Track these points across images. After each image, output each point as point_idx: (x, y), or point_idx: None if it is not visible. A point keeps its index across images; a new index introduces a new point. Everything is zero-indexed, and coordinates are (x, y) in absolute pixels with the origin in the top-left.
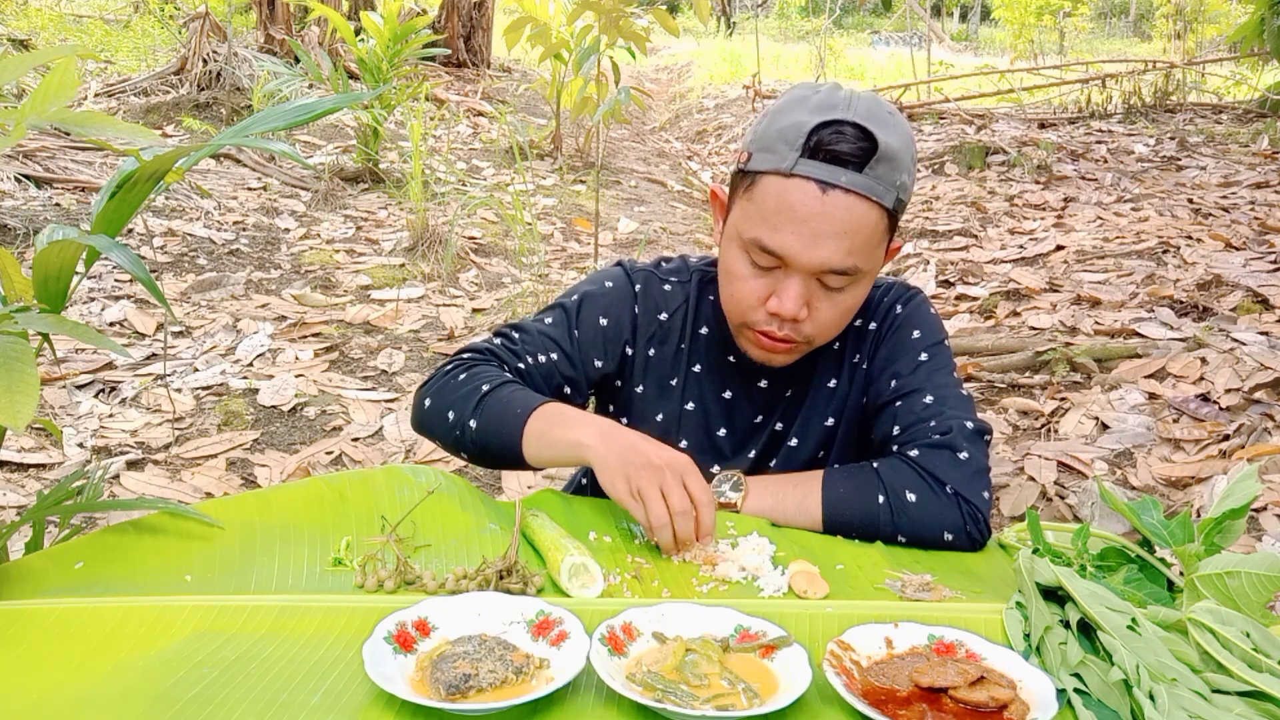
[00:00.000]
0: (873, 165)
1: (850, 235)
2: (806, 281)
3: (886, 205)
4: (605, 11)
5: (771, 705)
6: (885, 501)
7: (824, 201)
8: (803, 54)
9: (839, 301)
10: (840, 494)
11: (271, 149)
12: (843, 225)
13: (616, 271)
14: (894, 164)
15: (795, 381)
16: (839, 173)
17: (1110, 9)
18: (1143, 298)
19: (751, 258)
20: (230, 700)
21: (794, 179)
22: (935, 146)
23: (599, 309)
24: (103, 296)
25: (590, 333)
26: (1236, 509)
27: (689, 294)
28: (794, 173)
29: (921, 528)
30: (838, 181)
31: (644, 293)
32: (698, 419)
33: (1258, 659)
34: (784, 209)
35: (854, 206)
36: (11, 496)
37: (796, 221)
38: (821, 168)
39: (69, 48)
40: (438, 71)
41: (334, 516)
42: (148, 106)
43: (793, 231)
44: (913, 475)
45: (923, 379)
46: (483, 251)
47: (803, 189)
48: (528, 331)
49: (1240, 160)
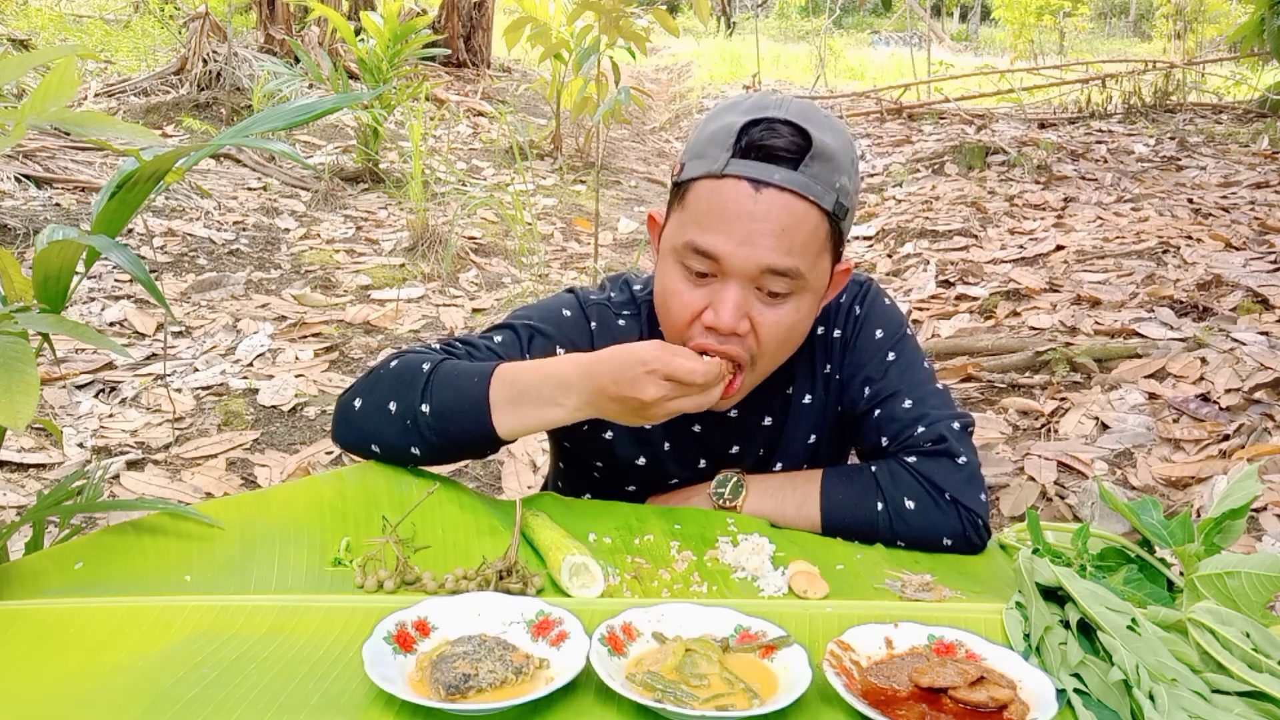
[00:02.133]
0: (808, 163)
1: (788, 234)
2: (744, 289)
3: (825, 206)
4: (605, 11)
5: (771, 705)
6: (884, 509)
7: (757, 200)
8: (803, 54)
9: (781, 316)
10: (839, 500)
11: (271, 149)
12: (779, 224)
13: (570, 301)
14: (831, 163)
15: (768, 407)
16: (772, 170)
17: (1110, 9)
18: (1143, 298)
19: (685, 267)
20: (230, 700)
21: (726, 179)
22: (935, 146)
23: (556, 337)
24: (103, 296)
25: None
26: (1236, 509)
27: (643, 328)
28: (725, 173)
29: (921, 534)
30: (771, 179)
31: (600, 330)
32: (675, 456)
33: (1258, 659)
34: (716, 209)
35: (790, 205)
36: (11, 496)
37: (729, 221)
38: (754, 166)
39: (69, 48)
40: (438, 71)
41: (334, 516)
42: (148, 106)
43: (725, 231)
44: (911, 482)
45: (896, 381)
46: (483, 251)
47: (735, 188)
48: (475, 346)
49: (1240, 160)
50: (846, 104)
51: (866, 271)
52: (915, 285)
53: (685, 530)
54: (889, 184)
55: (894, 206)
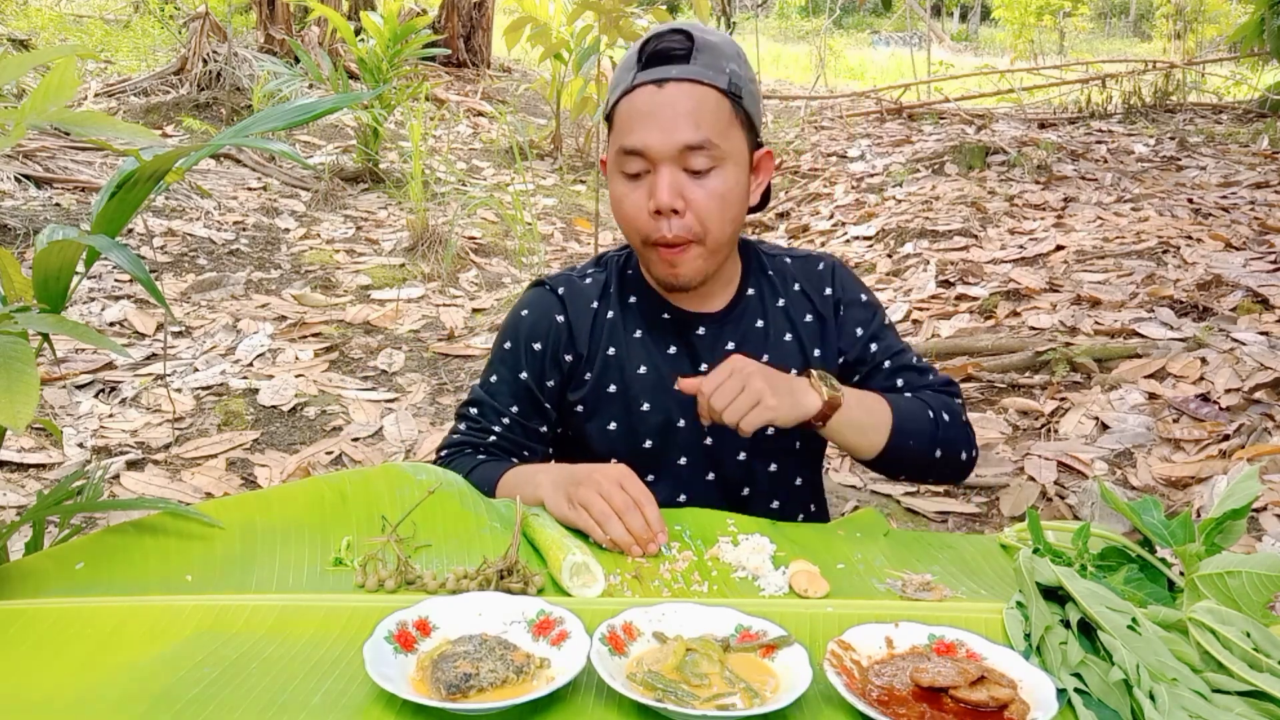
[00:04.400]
0: (696, 56)
1: (694, 114)
2: (672, 171)
3: (720, 85)
4: (605, 11)
5: (772, 705)
6: (933, 417)
7: (662, 93)
8: (803, 54)
9: (710, 188)
10: (902, 406)
11: (271, 149)
12: (684, 107)
13: (533, 293)
14: (717, 52)
15: (733, 332)
16: (669, 68)
17: (1110, 9)
18: (1143, 298)
19: (623, 175)
20: (231, 700)
21: (635, 89)
22: (935, 146)
23: (529, 339)
24: (103, 296)
25: (533, 364)
26: (1237, 509)
27: (610, 274)
28: (634, 84)
29: (952, 444)
30: (669, 75)
31: (568, 294)
32: (652, 379)
33: (1258, 659)
34: (633, 114)
35: (689, 90)
36: (11, 496)
37: (644, 117)
38: (653, 71)
39: (69, 48)
40: (438, 71)
41: (334, 516)
42: (148, 106)
43: (643, 127)
44: (942, 400)
45: (894, 340)
46: (483, 251)
47: (643, 92)
48: (483, 402)
49: (1240, 160)
50: (846, 104)
51: (866, 271)
52: (915, 285)
53: (686, 530)
54: (889, 184)
55: (894, 206)
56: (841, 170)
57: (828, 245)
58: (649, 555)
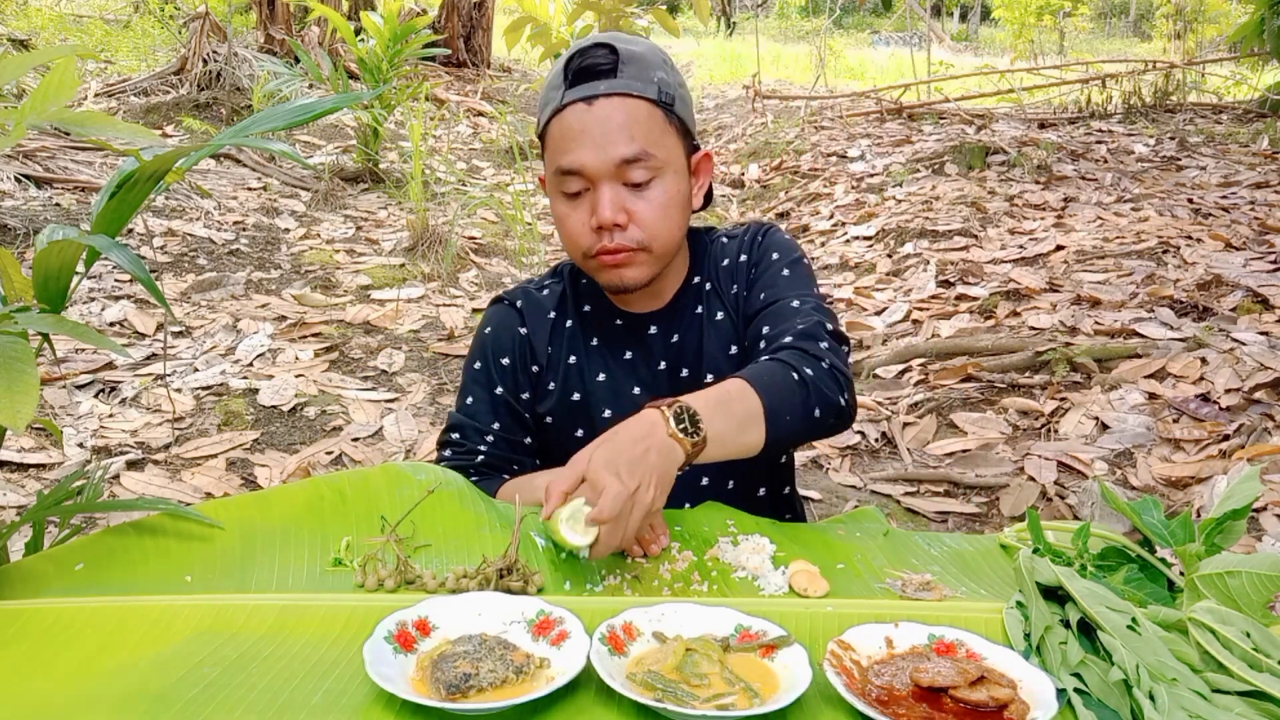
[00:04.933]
0: (622, 69)
1: (627, 128)
2: (613, 188)
3: (650, 96)
4: (605, 11)
5: (772, 705)
6: (798, 379)
7: (592, 111)
8: (803, 54)
9: (652, 198)
10: (765, 382)
11: (271, 149)
12: (616, 122)
13: (493, 310)
14: (642, 63)
15: (678, 325)
16: (596, 84)
17: (1110, 9)
18: (1143, 298)
19: (563, 194)
20: (230, 700)
21: (564, 108)
22: (935, 146)
23: (496, 355)
24: (103, 296)
25: (505, 379)
26: (1238, 509)
27: (564, 284)
28: (563, 103)
29: (824, 399)
30: (597, 91)
31: (526, 307)
32: (611, 386)
33: (1258, 659)
34: (566, 134)
35: (620, 104)
36: (11, 496)
37: (577, 136)
38: (581, 88)
39: (69, 48)
40: (438, 71)
41: (334, 516)
42: (148, 106)
43: (578, 146)
44: (798, 356)
45: (785, 289)
46: (483, 251)
47: (573, 111)
48: (463, 425)
49: (1240, 160)
50: (846, 104)
51: (866, 271)
52: (915, 285)
53: (685, 530)
54: (889, 184)
55: (894, 206)
56: (841, 170)
57: (828, 245)
58: (650, 557)
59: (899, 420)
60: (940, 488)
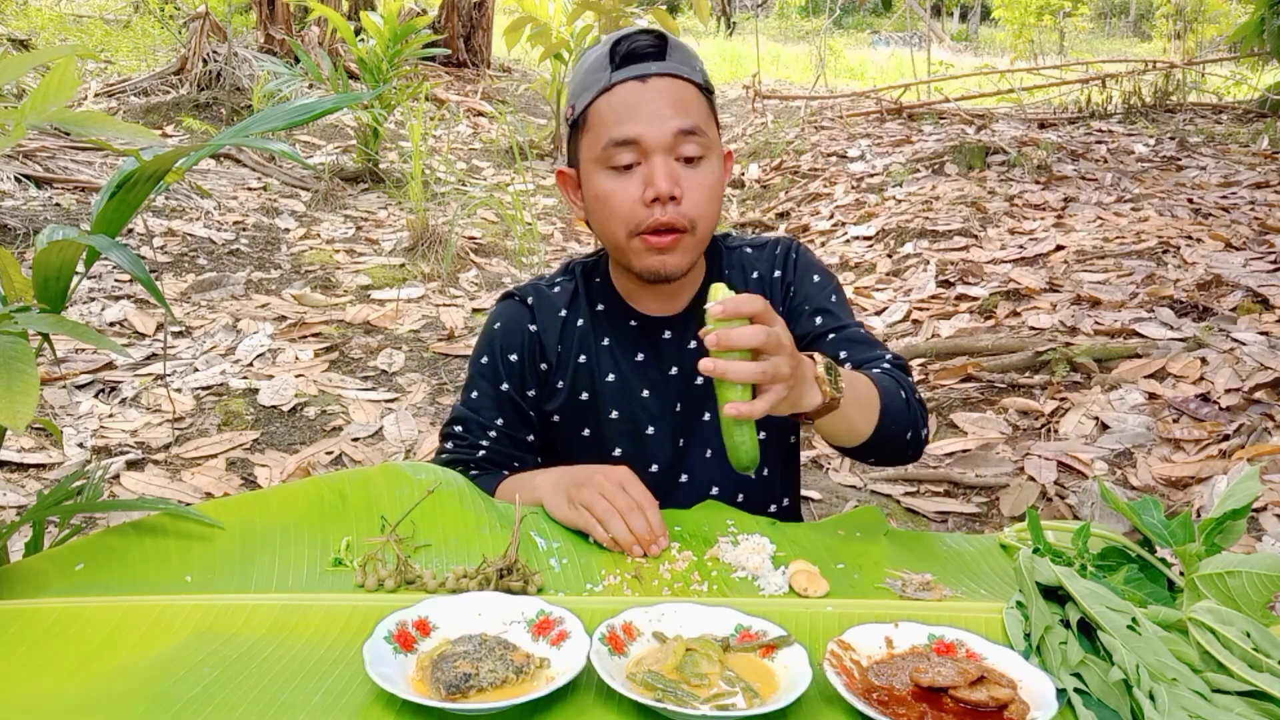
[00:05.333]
0: (670, 53)
1: (682, 104)
2: (667, 160)
3: (697, 80)
4: (605, 11)
5: (772, 705)
6: (906, 398)
7: (647, 88)
8: (803, 54)
9: (702, 178)
10: (884, 384)
11: (271, 149)
12: (671, 98)
13: (503, 305)
14: (686, 52)
15: (695, 332)
16: (648, 65)
17: (1110, 9)
18: (1143, 298)
19: (611, 168)
20: (230, 700)
21: (615, 87)
22: (935, 146)
23: (505, 351)
24: (103, 296)
25: (512, 375)
26: (1238, 509)
27: (577, 282)
28: (613, 83)
29: (915, 425)
30: (650, 70)
31: (537, 304)
32: (620, 387)
33: (1258, 659)
34: (620, 108)
35: (672, 83)
36: (11, 496)
37: (634, 109)
38: (633, 68)
39: (69, 48)
40: (438, 71)
41: (334, 516)
42: (148, 106)
43: (633, 118)
44: (905, 380)
45: (846, 316)
46: (483, 251)
47: (626, 88)
48: (467, 419)
49: (1240, 160)
50: (846, 104)
51: (866, 271)
52: (915, 285)
53: (685, 530)
54: (889, 184)
55: (894, 206)
56: (841, 170)
57: (828, 245)
58: (650, 557)
59: None
60: (940, 488)
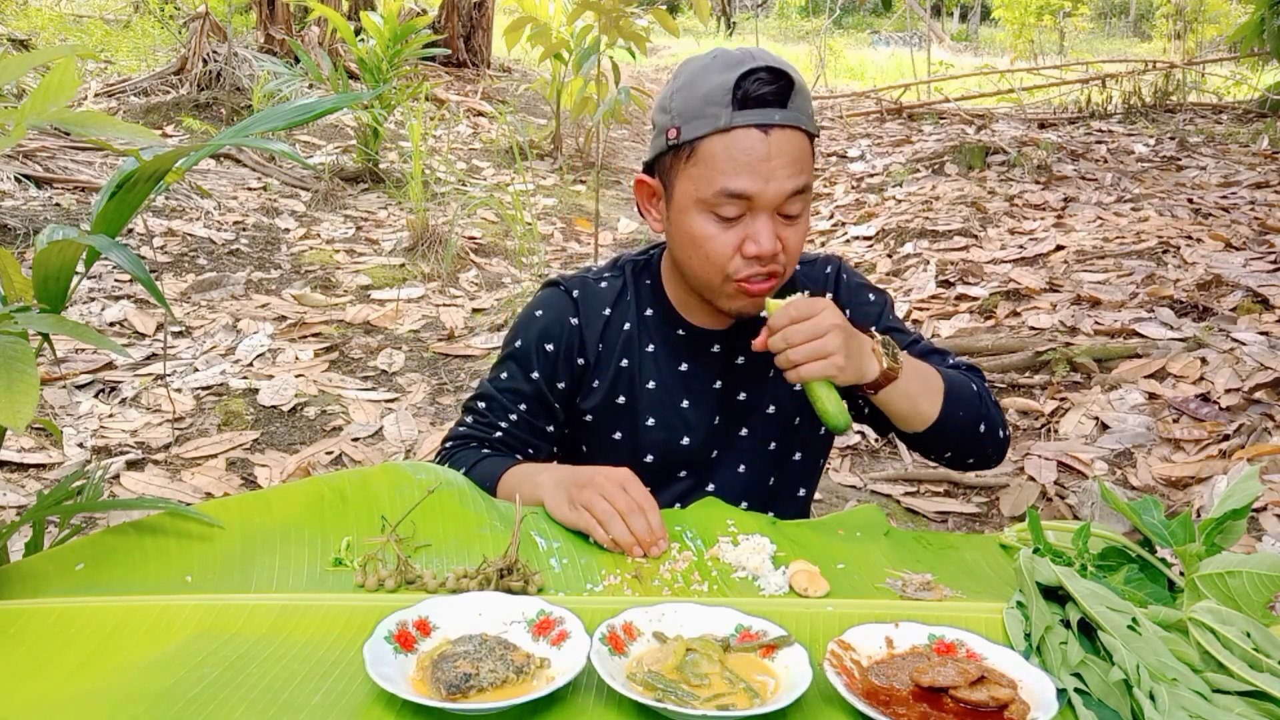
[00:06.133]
0: (793, 99)
1: (797, 162)
2: (772, 218)
3: (811, 131)
4: (605, 11)
5: (772, 705)
6: (976, 390)
7: (768, 141)
8: (803, 54)
9: (798, 229)
10: (949, 375)
11: (271, 149)
12: (788, 156)
13: (548, 293)
14: (804, 94)
15: (745, 347)
16: (771, 113)
17: (1110, 9)
18: (1143, 298)
19: (717, 213)
20: (230, 700)
21: (735, 130)
22: (935, 146)
23: (541, 339)
24: (103, 296)
25: (544, 365)
26: (1238, 509)
27: (626, 282)
28: (733, 125)
29: (992, 420)
30: (773, 121)
31: (582, 297)
32: (660, 395)
33: (1258, 659)
34: (737, 156)
35: (791, 137)
36: (11, 496)
37: (752, 164)
38: (756, 114)
39: (69, 48)
40: (438, 71)
41: (334, 516)
42: (148, 106)
43: (751, 173)
44: (977, 379)
45: (908, 330)
46: (483, 251)
47: (747, 136)
48: (491, 397)
49: (1240, 160)
50: (846, 104)
51: (866, 271)
52: (915, 285)
53: (686, 530)
54: (889, 184)
55: (894, 206)
56: (841, 170)
57: (828, 245)
58: (651, 558)
59: None
60: (940, 488)
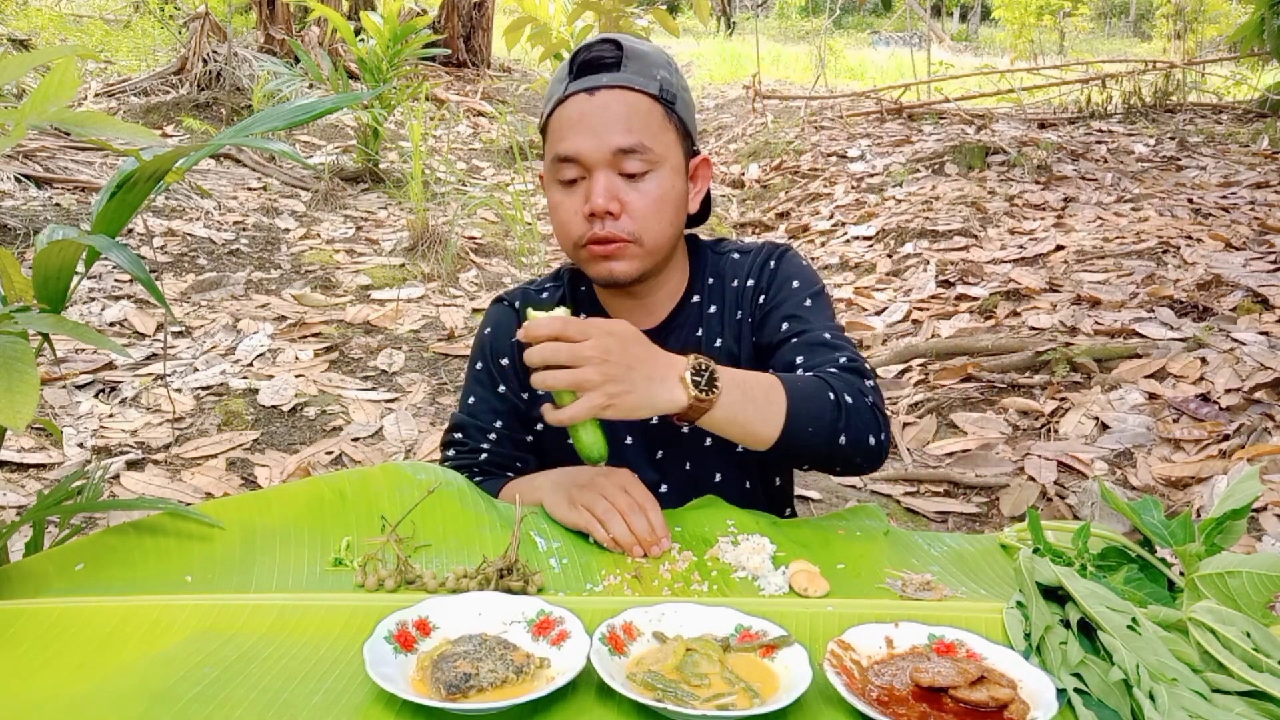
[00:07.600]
0: (626, 63)
1: (626, 119)
2: (608, 176)
3: (651, 91)
4: (605, 11)
5: (772, 705)
6: (834, 399)
7: (593, 100)
8: (803, 54)
9: (645, 191)
10: (799, 389)
11: (271, 149)
12: (616, 113)
13: (492, 309)
14: (646, 60)
15: (675, 346)
16: (600, 76)
17: (1110, 9)
18: (1143, 298)
19: (559, 182)
20: (230, 700)
21: (567, 98)
22: (935, 146)
23: (495, 355)
24: (103, 296)
25: (506, 379)
26: (1238, 509)
27: (564, 289)
28: (566, 94)
29: (858, 430)
30: (600, 83)
31: (524, 309)
32: None
33: (1258, 659)
34: (566, 122)
35: (621, 96)
36: (11, 496)
37: (578, 124)
38: (585, 80)
39: (69, 48)
40: (438, 71)
41: (334, 516)
42: (148, 106)
43: (576, 133)
44: (844, 383)
45: (814, 321)
46: (483, 251)
47: (575, 100)
48: (466, 424)
49: (1240, 160)
50: (846, 104)
51: (866, 271)
52: (915, 285)
53: (686, 530)
54: (889, 184)
55: (894, 206)
56: (841, 170)
57: (828, 245)
58: (652, 558)
59: (899, 420)
60: (940, 488)
